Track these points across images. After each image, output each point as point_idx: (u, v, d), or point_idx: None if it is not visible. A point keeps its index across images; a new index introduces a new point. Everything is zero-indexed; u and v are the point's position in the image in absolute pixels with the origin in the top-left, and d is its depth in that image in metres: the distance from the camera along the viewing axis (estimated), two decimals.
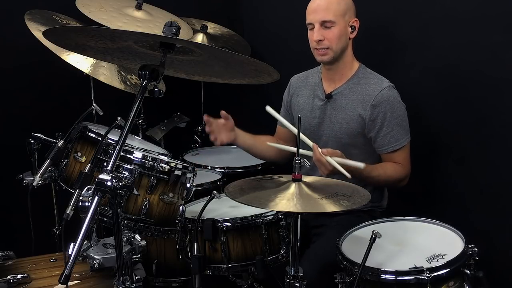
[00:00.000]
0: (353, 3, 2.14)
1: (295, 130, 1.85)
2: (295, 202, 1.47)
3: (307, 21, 2.13)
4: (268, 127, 2.48)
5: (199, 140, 3.12)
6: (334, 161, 1.86)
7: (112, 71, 2.45)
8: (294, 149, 1.76)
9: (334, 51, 2.10)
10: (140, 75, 1.43)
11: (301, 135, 1.74)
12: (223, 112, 2.18)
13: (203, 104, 3.25)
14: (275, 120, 2.61)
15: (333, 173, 1.86)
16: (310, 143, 1.94)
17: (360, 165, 1.86)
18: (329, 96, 2.19)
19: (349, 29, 2.12)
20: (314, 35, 2.09)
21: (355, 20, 2.13)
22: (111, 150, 1.72)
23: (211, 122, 2.17)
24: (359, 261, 1.54)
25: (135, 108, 1.41)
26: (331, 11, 2.06)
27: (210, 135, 2.19)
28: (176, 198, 1.84)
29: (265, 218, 1.86)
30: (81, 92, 2.58)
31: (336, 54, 2.11)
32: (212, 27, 3.12)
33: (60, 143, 1.89)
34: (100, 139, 1.73)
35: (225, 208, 2.00)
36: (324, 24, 2.07)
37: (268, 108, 2.01)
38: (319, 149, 1.89)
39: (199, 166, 2.66)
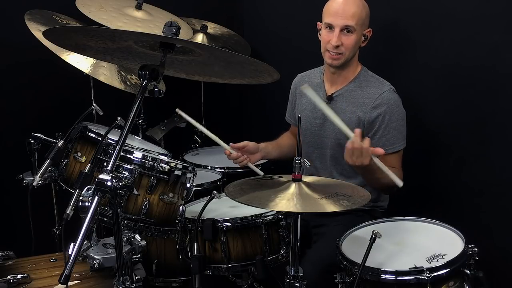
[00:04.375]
0: (369, 13, 2.12)
1: (225, 146, 2.05)
2: (295, 202, 1.47)
3: (327, 21, 2.09)
4: (268, 126, 2.49)
5: (199, 140, 3.11)
6: (379, 162, 1.75)
7: (112, 71, 2.45)
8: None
9: (346, 58, 2.10)
10: (140, 75, 1.43)
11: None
12: (232, 150, 2.19)
13: (203, 104, 3.25)
14: (276, 120, 2.61)
15: (364, 166, 1.78)
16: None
17: (399, 182, 1.74)
18: (330, 98, 2.19)
19: (362, 38, 2.12)
20: (333, 39, 2.06)
21: (369, 30, 2.12)
22: (111, 150, 1.72)
23: (234, 154, 2.19)
24: (359, 261, 1.54)
25: (135, 108, 1.41)
26: (355, 18, 2.04)
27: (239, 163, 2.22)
28: (176, 198, 1.84)
29: (265, 218, 1.86)
30: (81, 92, 2.58)
31: (346, 60, 2.11)
32: (212, 27, 3.12)
33: (60, 143, 1.89)
34: (100, 139, 1.73)
35: (225, 208, 2.00)
36: (347, 29, 2.05)
37: (179, 111, 2.16)
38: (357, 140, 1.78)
39: (199, 166, 2.66)
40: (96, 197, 1.29)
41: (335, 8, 2.07)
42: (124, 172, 1.72)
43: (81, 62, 2.33)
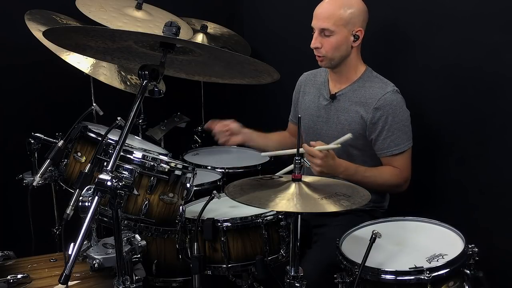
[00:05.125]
0: (363, 12, 2.10)
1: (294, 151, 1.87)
2: (295, 202, 1.47)
3: (311, 24, 2.12)
4: (268, 126, 2.48)
5: (199, 140, 3.12)
6: (322, 146, 1.92)
7: (112, 71, 2.45)
8: (291, 151, 1.77)
9: (329, 59, 2.11)
10: (140, 75, 1.43)
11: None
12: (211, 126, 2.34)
13: (203, 104, 3.25)
14: (276, 121, 2.61)
15: (325, 166, 1.90)
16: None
17: (347, 136, 1.95)
18: (333, 97, 2.19)
19: (352, 38, 2.09)
20: (312, 41, 2.10)
21: (359, 30, 2.09)
22: (111, 150, 1.72)
23: (213, 129, 2.31)
24: (359, 261, 1.54)
25: (135, 108, 1.41)
26: (331, 20, 2.04)
27: (219, 140, 2.33)
28: (176, 198, 1.84)
29: (265, 218, 1.86)
30: (81, 92, 2.58)
31: (333, 61, 2.12)
32: (212, 27, 3.13)
33: (60, 143, 1.89)
34: (100, 139, 1.73)
35: (225, 208, 2.00)
36: (323, 32, 2.06)
37: (263, 154, 2.18)
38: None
39: (199, 166, 2.66)
40: (96, 197, 1.29)
41: (316, 11, 2.11)
42: (124, 172, 1.72)
43: (81, 62, 2.33)
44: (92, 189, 1.30)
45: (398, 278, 1.54)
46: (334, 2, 2.07)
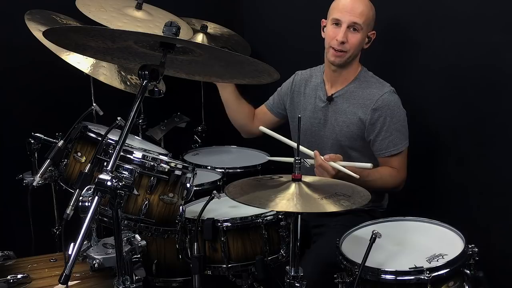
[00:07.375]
0: (375, 15, 2.13)
1: (293, 144, 1.83)
2: (295, 202, 1.47)
3: (334, 16, 2.08)
4: None
5: (199, 140, 3.11)
6: (339, 165, 1.87)
7: (112, 71, 2.45)
8: (292, 144, 1.76)
9: (348, 56, 2.10)
10: (140, 75, 1.43)
11: (300, 147, 1.69)
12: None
13: (203, 104, 3.25)
14: None
15: (337, 178, 1.86)
16: (309, 152, 1.93)
17: (367, 165, 1.88)
18: (330, 99, 2.19)
19: (366, 39, 2.12)
20: (339, 35, 2.06)
21: (373, 33, 2.13)
22: (111, 150, 1.72)
23: None
24: (359, 261, 1.54)
25: (135, 108, 1.40)
26: (363, 16, 2.05)
27: None
28: (176, 198, 1.84)
29: (265, 218, 1.86)
30: (81, 92, 2.58)
31: (349, 59, 2.12)
32: (212, 27, 3.12)
33: (60, 143, 1.89)
34: (100, 139, 1.73)
35: (225, 208, 2.00)
36: (353, 26, 2.05)
37: (262, 128, 2.05)
38: (321, 156, 1.89)
39: (199, 166, 2.66)
40: (96, 197, 1.28)
41: (344, 5, 2.07)
42: (124, 172, 1.72)
43: (81, 62, 2.32)
44: (92, 189, 1.30)
45: (398, 278, 1.54)
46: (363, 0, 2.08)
